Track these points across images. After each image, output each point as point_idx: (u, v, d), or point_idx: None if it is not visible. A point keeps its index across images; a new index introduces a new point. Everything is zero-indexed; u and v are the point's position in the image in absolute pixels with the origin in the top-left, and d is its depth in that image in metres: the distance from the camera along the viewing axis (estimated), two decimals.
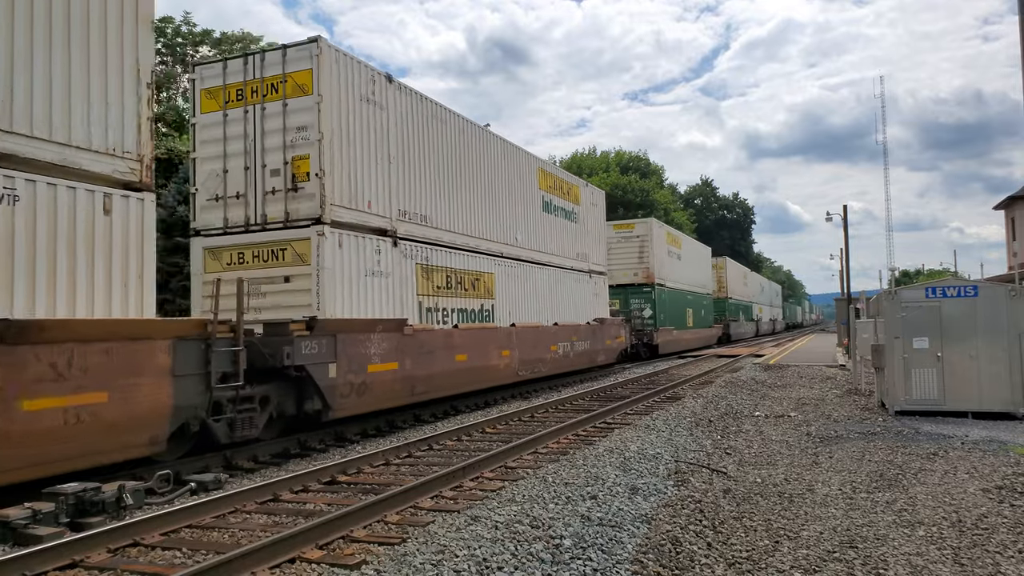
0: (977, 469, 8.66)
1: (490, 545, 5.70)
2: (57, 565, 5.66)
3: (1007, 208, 39.80)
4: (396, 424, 13.34)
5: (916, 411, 12.80)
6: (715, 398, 15.71)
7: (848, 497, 7.53)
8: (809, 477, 8.45)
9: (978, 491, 7.63)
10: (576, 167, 65.89)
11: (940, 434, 11.09)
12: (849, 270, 40.78)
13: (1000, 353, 12.34)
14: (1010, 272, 28.36)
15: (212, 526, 6.89)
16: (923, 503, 7.23)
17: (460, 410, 15.57)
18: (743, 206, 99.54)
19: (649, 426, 11.98)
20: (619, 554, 5.62)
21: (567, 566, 5.33)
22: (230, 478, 9.04)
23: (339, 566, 5.58)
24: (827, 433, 11.38)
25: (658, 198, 67.61)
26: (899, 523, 6.59)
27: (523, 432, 12.15)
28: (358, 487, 8.47)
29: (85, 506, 6.83)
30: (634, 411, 14.63)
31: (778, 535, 6.29)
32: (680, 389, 18.88)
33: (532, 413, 14.60)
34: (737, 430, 11.88)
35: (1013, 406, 12.31)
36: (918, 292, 13.07)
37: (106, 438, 7.65)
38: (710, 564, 5.57)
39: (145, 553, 6.14)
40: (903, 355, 12.81)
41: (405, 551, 5.64)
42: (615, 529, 6.21)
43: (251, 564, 5.43)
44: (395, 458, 10.06)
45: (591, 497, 7.19)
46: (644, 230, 32.78)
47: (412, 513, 7.15)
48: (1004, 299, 12.46)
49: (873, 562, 5.59)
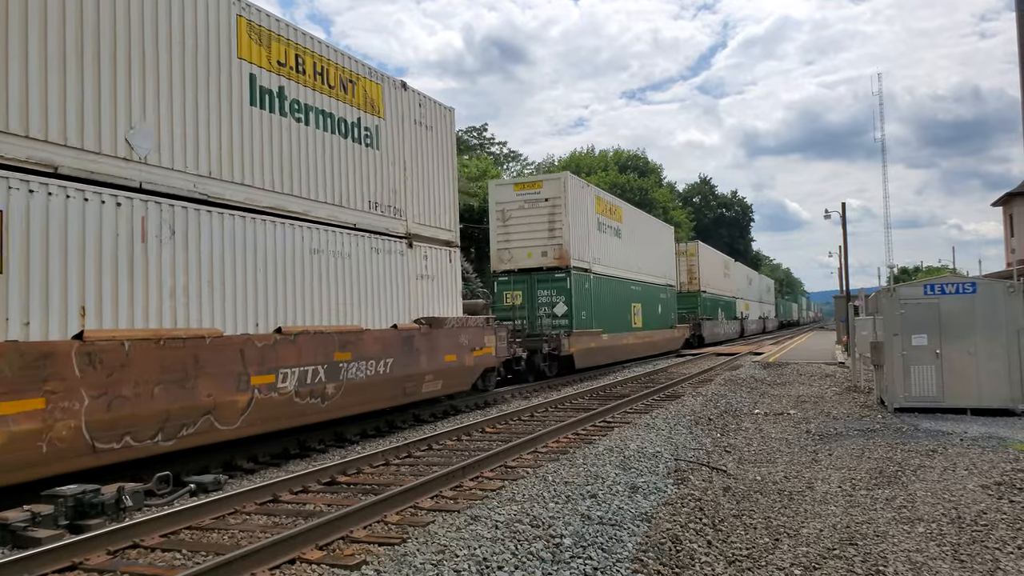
0: (976, 465, 8.67)
1: (490, 545, 5.69)
2: (56, 567, 5.65)
3: (1005, 205, 39.86)
4: (396, 424, 13.33)
5: (915, 408, 12.81)
6: (714, 396, 15.71)
7: (848, 494, 7.54)
8: (809, 474, 8.45)
9: (977, 487, 7.64)
10: (575, 166, 65.91)
11: (939, 431, 11.10)
12: (848, 267, 40.84)
13: (999, 350, 12.35)
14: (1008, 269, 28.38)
15: (212, 527, 6.89)
16: (922, 500, 7.24)
17: (460, 410, 15.57)
18: (742, 204, 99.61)
19: (649, 424, 11.98)
20: (619, 553, 5.62)
21: (567, 565, 5.32)
22: (229, 479, 9.04)
23: (339, 566, 5.57)
24: (826, 430, 11.38)
25: (657, 197, 67.65)
26: (899, 520, 6.60)
27: (523, 431, 12.16)
28: (358, 487, 8.47)
29: (84, 508, 6.82)
30: (634, 410, 14.63)
31: (778, 533, 6.30)
32: (679, 388, 18.89)
33: (532, 412, 14.60)
34: (737, 428, 11.89)
35: (1012, 402, 12.33)
36: (917, 289, 13.08)
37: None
38: (710, 562, 5.57)
39: (145, 555, 6.13)
40: (902, 352, 12.82)
41: (405, 551, 5.64)
42: (615, 528, 6.21)
43: (251, 565, 5.42)
44: (395, 458, 10.05)
45: (591, 496, 7.19)
46: (555, 191, 22.35)
47: (412, 513, 7.15)
48: (1002, 296, 12.47)
49: (873, 559, 5.60)
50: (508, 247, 22.83)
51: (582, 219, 23.44)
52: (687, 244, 43.01)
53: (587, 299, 23.36)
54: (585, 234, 23.61)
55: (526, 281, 22.57)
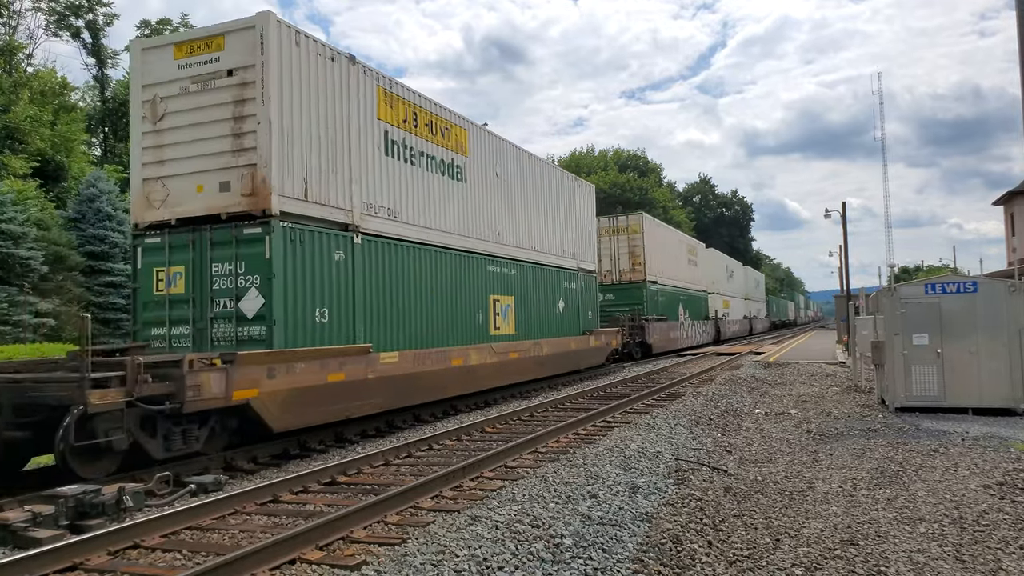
0: (978, 465, 8.65)
1: (490, 545, 5.69)
2: (57, 568, 5.65)
3: (1006, 204, 39.85)
4: (396, 424, 13.33)
5: (916, 408, 12.80)
6: (715, 396, 15.71)
7: (849, 494, 7.53)
8: (810, 474, 8.44)
9: (979, 487, 7.63)
10: (575, 166, 65.94)
11: (940, 430, 11.08)
12: (848, 267, 40.86)
13: (1000, 349, 12.34)
14: (1009, 268, 28.38)
15: (212, 528, 6.88)
16: (924, 500, 7.23)
17: (460, 410, 15.56)
18: (742, 204, 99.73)
19: (649, 424, 11.98)
20: (620, 553, 5.61)
21: (568, 565, 5.32)
22: (230, 479, 9.03)
23: (339, 567, 5.57)
24: (827, 430, 11.37)
25: (657, 196, 67.70)
26: (900, 520, 6.59)
27: (523, 431, 12.15)
28: (358, 487, 8.46)
29: (85, 508, 6.81)
30: (634, 409, 14.62)
31: (779, 533, 6.29)
32: (680, 387, 18.88)
33: (532, 412, 14.59)
34: (737, 428, 11.88)
35: (1013, 402, 12.31)
36: (917, 288, 13.07)
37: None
38: (711, 562, 5.56)
39: (145, 555, 6.13)
40: (903, 352, 12.81)
41: (405, 551, 5.63)
42: (616, 528, 6.20)
43: (251, 565, 5.41)
44: (395, 458, 10.05)
45: (591, 496, 7.18)
46: (247, 51, 10.72)
47: (412, 513, 7.14)
48: (1003, 295, 12.45)
49: (874, 559, 5.58)
50: (161, 175, 11.18)
51: (330, 118, 11.88)
52: (627, 217, 31.90)
53: (336, 283, 11.74)
54: (336, 152, 11.97)
55: (192, 244, 10.98)
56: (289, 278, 10.75)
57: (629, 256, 31.12)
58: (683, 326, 36.23)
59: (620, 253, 31.25)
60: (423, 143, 14.54)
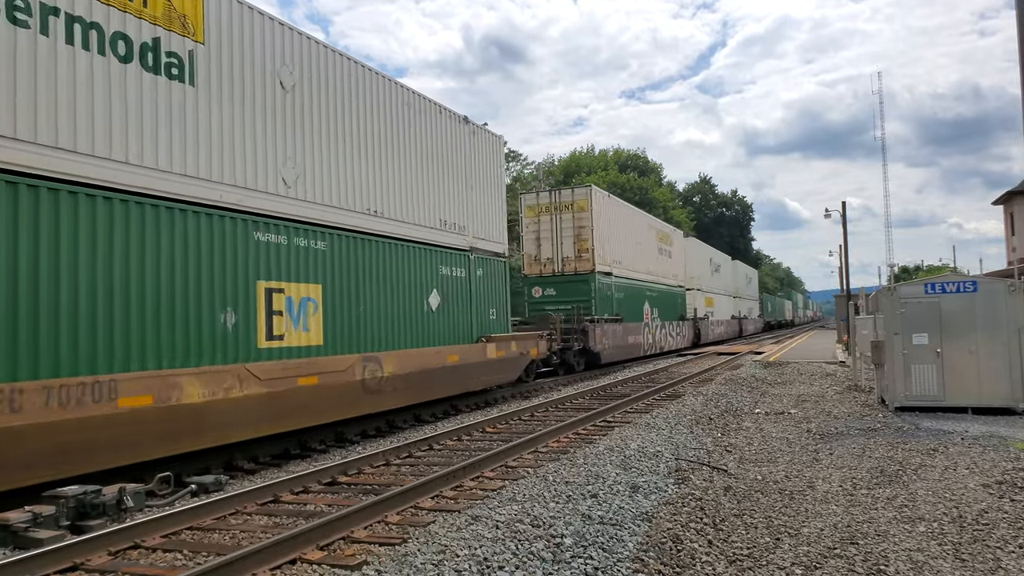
0: (977, 464, 8.66)
1: (491, 544, 5.69)
2: (58, 568, 5.66)
3: (1006, 203, 39.85)
4: (396, 424, 13.33)
5: (916, 407, 12.81)
6: (715, 396, 15.71)
7: (848, 493, 7.54)
8: (810, 474, 8.45)
9: (978, 486, 7.63)
10: (575, 166, 65.93)
11: (940, 430, 11.09)
12: (848, 266, 40.85)
13: (1000, 348, 12.34)
14: (1009, 267, 28.38)
15: (213, 528, 6.89)
16: (923, 499, 7.24)
17: (460, 410, 15.57)
18: (742, 203, 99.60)
19: (649, 424, 11.98)
20: (620, 552, 5.62)
21: (568, 565, 5.32)
22: (230, 479, 9.04)
23: (340, 567, 5.58)
24: (827, 430, 11.38)
25: (657, 196, 67.66)
26: (900, 519, 6.59)
27: (523, 431, 12.16)
28: (359, 487, 8.47)
29: (86, 509, 6.83)
30: (634, 409, 14.63)
31: (779, 532, 6.30)
32: (680, 387, 18.89)
33: (532, 412, 14.61)
34: (737, 427, 11.89)
35: (1013, 401, 12.32)
36: (917, 288, 13.08)
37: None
38: (711, 562, 5.57)
39: (146, 555, 6.14)
40: (903, 351, 12.82)
41: (406, 551, 5.64)
42: (616, 527, 6.21)
43: (252, 565, 5.43)
44: (395, 458, 10.06)
45: (592, 496, 7.19)
46: None
47: (413, 513, 7.15)
48: (1003, 294, 12.46)
49: (874, 558, 5.59)
50: None
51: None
52: (573, 191, 25.77)
53: None
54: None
55: None
56: None
57: (575, 240, 24.94)
58: (648, 328, 30.00)
59: (563, 237, 25.14)
60: (99, 6, 8.33)
